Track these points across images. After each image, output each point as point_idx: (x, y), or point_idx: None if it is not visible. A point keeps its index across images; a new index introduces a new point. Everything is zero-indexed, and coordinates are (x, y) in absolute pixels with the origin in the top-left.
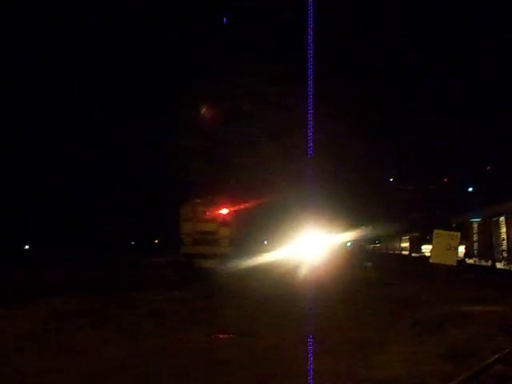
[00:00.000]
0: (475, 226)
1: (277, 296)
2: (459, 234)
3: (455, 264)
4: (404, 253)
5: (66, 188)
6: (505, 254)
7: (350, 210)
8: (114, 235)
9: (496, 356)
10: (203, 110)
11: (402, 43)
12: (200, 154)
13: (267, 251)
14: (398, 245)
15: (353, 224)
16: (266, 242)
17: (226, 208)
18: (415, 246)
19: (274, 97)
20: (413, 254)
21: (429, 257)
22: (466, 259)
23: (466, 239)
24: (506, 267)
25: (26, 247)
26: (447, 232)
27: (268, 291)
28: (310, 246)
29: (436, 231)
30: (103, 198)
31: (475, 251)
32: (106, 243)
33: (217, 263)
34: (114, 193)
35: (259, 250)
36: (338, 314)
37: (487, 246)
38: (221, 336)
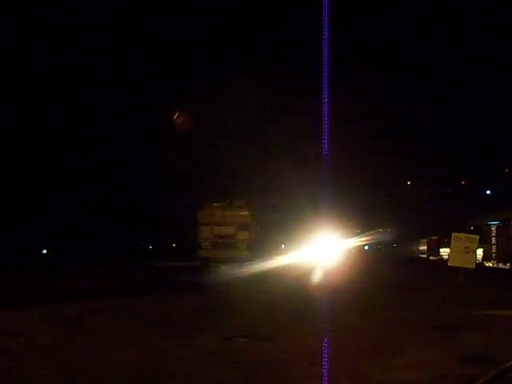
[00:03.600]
0: (493, 228)
1: (292, 299)
2: (477, 237)
3: (474, 267)
4: (422, 256)
5: (84, 193)
6: None
7: (367, 213)
8: (131, 240)
9: None
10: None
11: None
12: (216, 160)
13: (284, 254)
14: (415, 248)
15: (370, 227)
16: (283, 246)
17: (244, 212)
18: (433, 249)
19: (288, 101)
20: (431, 257)
21: (447, 260)
22: (485, 262)
23: (484, 242)
24: None
25: (44, 251)
26: (465, 235)
27: (284, 294)
28: (326, 249)
29: (454, 234)
30: (121, 203)
31: (493, 254)
32: (123, 248)
33: (234, 266)
34: (132, 198)
35: (276, 253)
36: (354, 317)
37: (505, 249)
38: (236, 339)
